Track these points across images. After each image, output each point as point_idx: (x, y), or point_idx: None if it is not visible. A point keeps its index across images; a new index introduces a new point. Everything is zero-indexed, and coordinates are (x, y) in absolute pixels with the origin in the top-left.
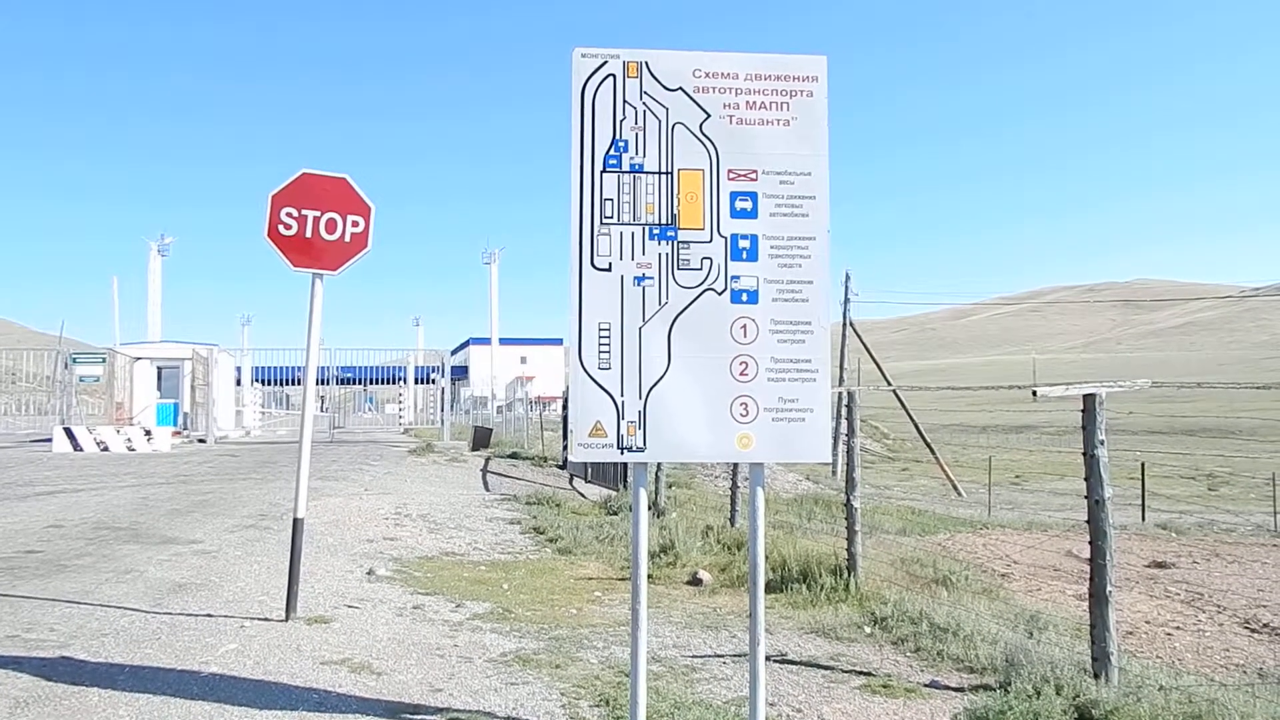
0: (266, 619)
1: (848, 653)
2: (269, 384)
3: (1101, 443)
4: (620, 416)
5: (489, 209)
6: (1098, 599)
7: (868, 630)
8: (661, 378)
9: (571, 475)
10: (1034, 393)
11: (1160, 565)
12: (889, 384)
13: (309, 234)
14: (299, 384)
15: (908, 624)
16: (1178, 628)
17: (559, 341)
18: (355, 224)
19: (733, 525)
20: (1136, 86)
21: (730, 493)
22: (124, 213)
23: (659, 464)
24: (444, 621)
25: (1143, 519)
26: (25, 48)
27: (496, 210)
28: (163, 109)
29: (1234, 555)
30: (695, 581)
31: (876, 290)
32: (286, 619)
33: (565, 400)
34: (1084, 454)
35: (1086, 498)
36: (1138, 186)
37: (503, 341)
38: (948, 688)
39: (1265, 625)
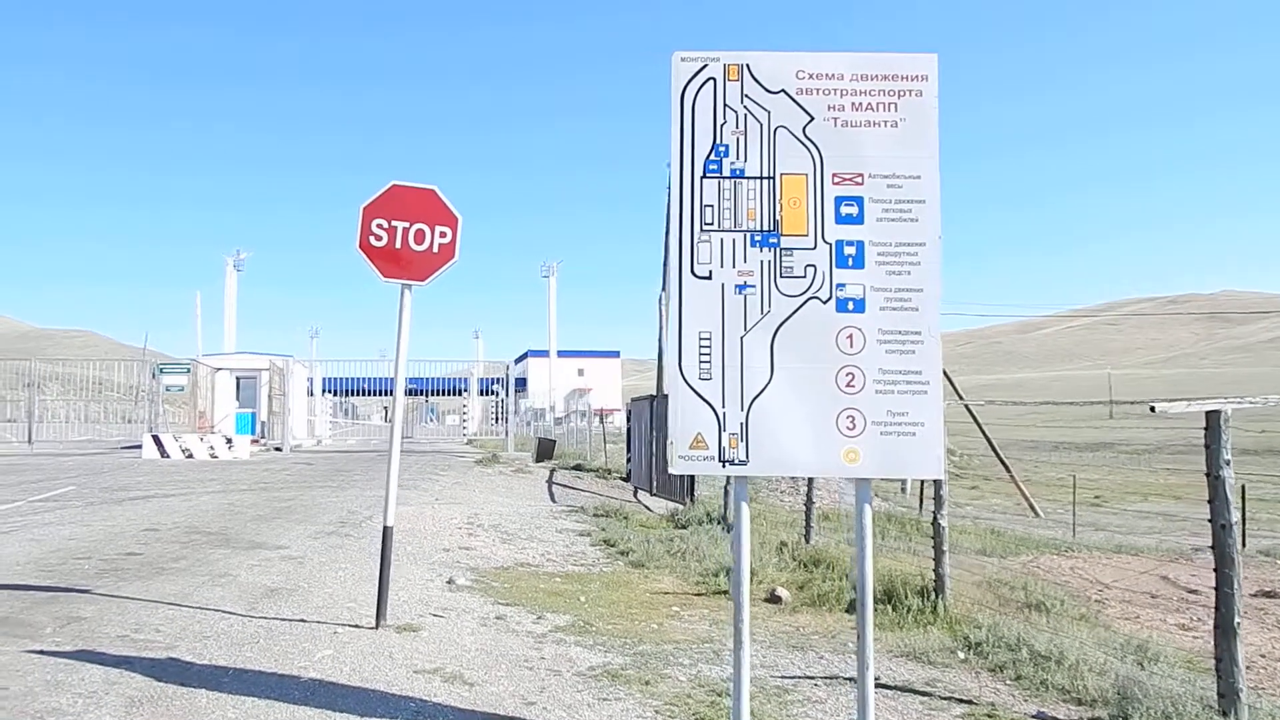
0: (357, 625)
1: (943, 678)
2: (336, 395)
3: (1227, 463)
4: (721, 429)
5: (547, 221)
6: (1224, 630)
7: (961, 655)
8: (764, 389)
9: (635, 488)
10: (1152, 408)
11: (1269, 595)
12: (960, 398)
13: (398, 245)
14: (365, 395)
15: (1005, 650)
16: None
17: (616, 354)
18: (443, 234)
19: (808, 542)
20: (1234, 105)
21: (805, 508)
22: (202, 222)
23: (727, 477)
24: (527, 633)
25: (1243, 544)
26: (120, 58)
27: (554, 222)
28: (238, 120)
29: None
30: (774, 599)
31: (944, 303)
32: (377, 626)
33: (628, 413)
34: (1207, 475)
35: (1210, 522)
36: (1226, 200)
37: (560, 354)
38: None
39: None
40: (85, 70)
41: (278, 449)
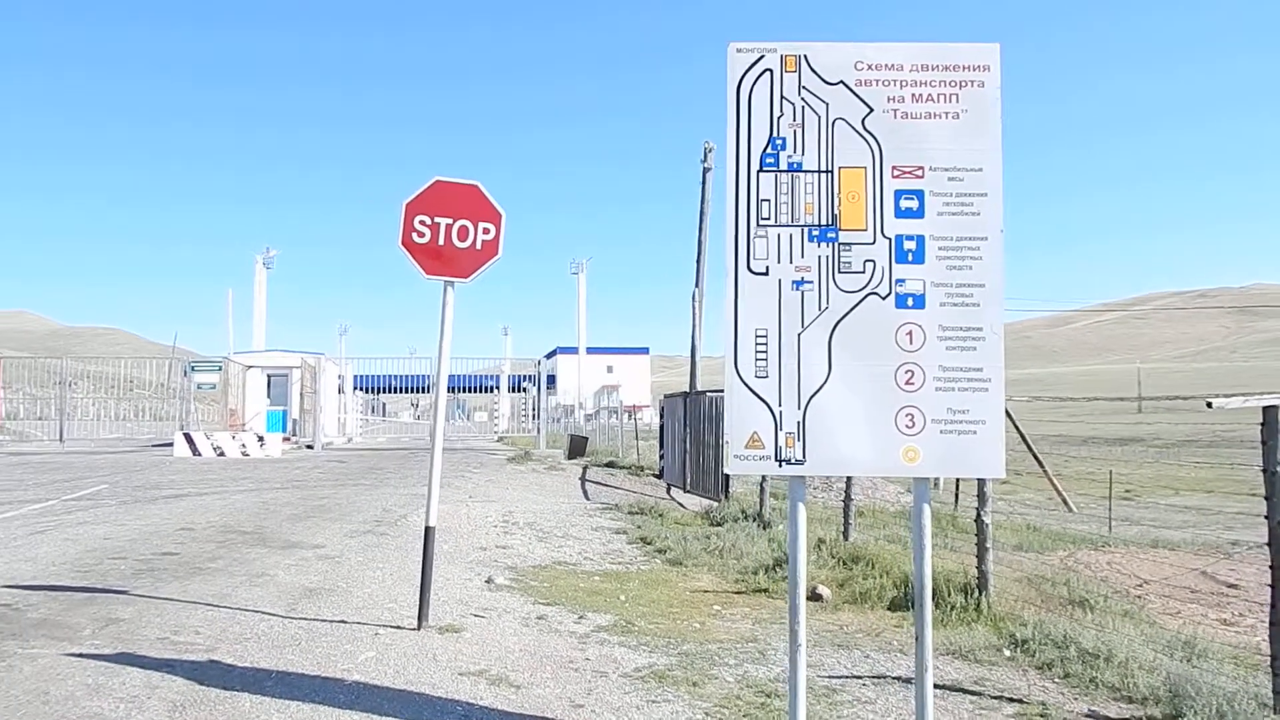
0: (399, 627)
1: (990, 677)
2: (366, 392)
3: None
4: (778, 428)
5: (576, 218)
6: None
7: (1007, 653)
8: (821, 387)
9: (669, 484)
10: (1209, 404)
11: None
12: None
13: (441, 242)
14: (395, 392)
15: (1052, 648)
16: None
17: (645, 351)
18: (486, 231)
19: (846, 539)
20: (1263, 103)
21: (844, 505)
22: (231, 220)
23: (763, 475)
24: (570, 633)
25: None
26: (145, 57)
27: (583, 219)
28: (268, 118)
29: None
30: (815, 597)
31: None
32: (419, 627)
33: (662, 409)
34: (1264, 471)
35: (1267, 518)
36: (1256, 194)
37: (589, 351)
38: (1109, 718)
39: None
40: (116, 69)
41: (309, 447)
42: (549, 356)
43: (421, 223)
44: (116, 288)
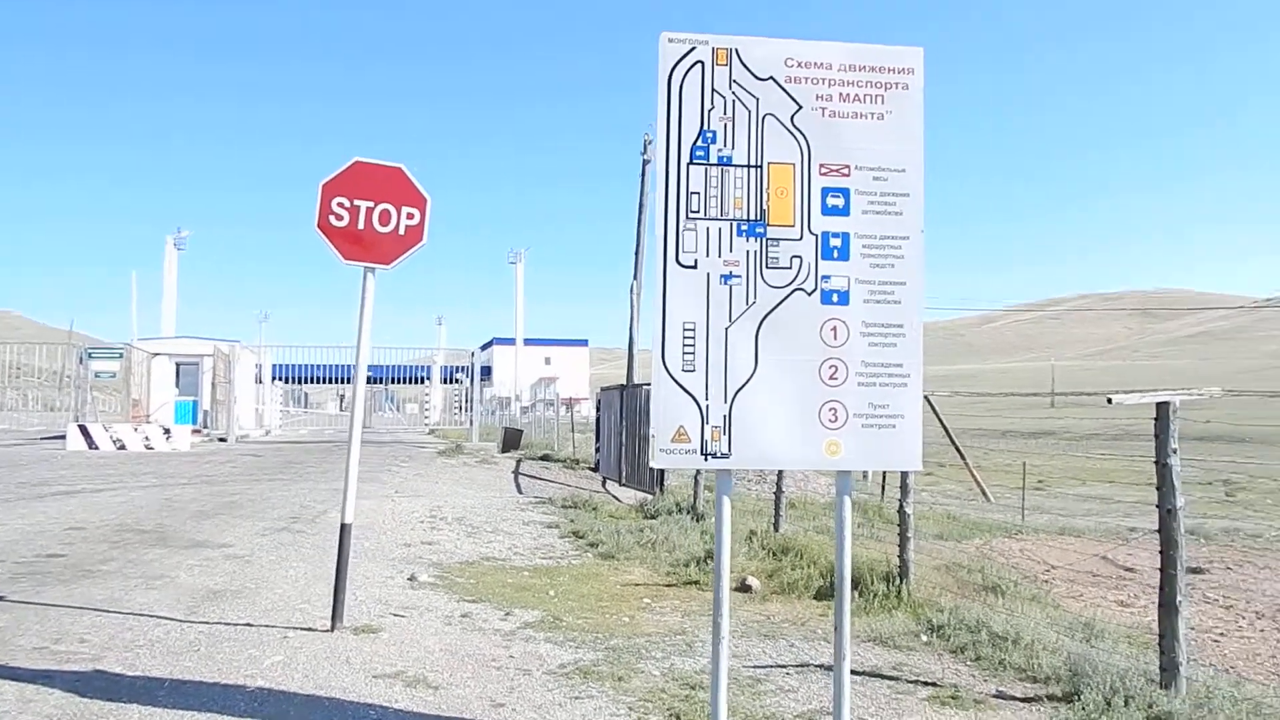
0: (311, 629)
1: (908, 661)
2: (288, 382)
3: (1174, 451)
4: (704, 421)
5: (513, 199)
6: (1167, 609)
7: (924, 639)
8: (748, 381)
9: (604, 478)
10: (1109, 399)
11: (1194, 571)
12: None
13: (361, 225)
14: (319, 382)
15: (966, 632)
16: (1222, 634)
17: (584, 343)
18: (410, 216)
19: (776, 530)
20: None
21: (775, 497)
22: (140, 198)
23: (696, 469)
24: (495, 630)
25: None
26: (55, 27)
27: (521, 201)
28: (180, 90)
29: (1264, 561)
30: (744, 588)
31: None
32: (332, 629)
33: (598, 402)
34: (1156, 463)
35: (1158, 507)
36: (1160, 204)
37: (527, 342)
38: (1015, 698)
39: None
40: (15, 39)
41: (222, 440)
42: (485, 348)
43: (340, 205)
44: (12, 270)
